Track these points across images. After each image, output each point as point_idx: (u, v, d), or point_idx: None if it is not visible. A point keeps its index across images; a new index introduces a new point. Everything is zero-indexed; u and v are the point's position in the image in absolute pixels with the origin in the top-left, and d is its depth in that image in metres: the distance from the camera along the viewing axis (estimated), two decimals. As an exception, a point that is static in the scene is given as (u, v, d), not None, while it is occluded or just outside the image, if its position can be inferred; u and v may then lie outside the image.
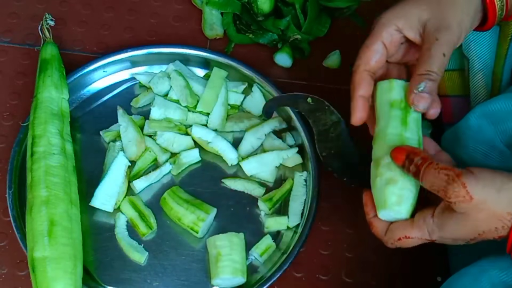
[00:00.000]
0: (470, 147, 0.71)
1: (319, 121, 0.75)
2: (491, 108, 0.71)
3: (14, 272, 0.84)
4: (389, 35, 0.70)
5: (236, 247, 0.82)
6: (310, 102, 0.75)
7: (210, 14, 1.03)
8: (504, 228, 0.60)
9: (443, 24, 0.67)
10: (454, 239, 0.63)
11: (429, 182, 0.62)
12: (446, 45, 0.67)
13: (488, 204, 0.59)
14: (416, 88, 0.67)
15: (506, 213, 0.59)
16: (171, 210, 0.85)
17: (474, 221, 0.60)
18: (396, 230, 0.66)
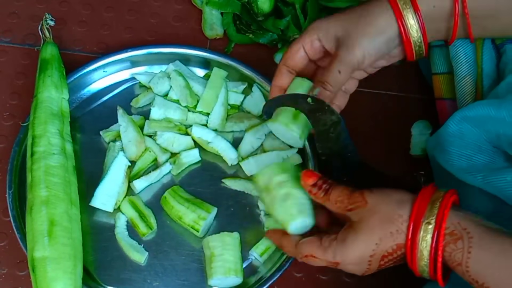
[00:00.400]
0: (454, 153, 0.73)
1: (319, 121, 0.75)
2: (469, 114, 0.74)
3: (14, 272, 0.84)
4: (309, 42, 0.77)
5: (229, 246, 0.81)
6: (310, 102, 0.75)
7: (210, 14, 1.03)
8: (398, 233, 0.63)
9: (348, 45, 0.74)
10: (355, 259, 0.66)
11: (336, 195, 0.68)
12: (343, 64, 0.74)
13: (380, 206, 0.64)
14: (312, 90, 0.76)
15: (397, 215, 0.63)
16: (172, 209, 0.85)
17: (369, 227, 0.64)
18: (304, 247, 0.69)
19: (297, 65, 0.81)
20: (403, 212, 0.63)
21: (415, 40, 0.75)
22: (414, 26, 0.74)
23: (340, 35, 0.75)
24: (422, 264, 0.63)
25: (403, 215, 0.63)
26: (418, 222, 0.62)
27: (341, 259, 0.66)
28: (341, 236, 0.66)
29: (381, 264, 0.66)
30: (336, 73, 0.74)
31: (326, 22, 0.77)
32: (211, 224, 0.87)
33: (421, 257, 0.62)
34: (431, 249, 0.61)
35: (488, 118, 0.72)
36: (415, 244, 0.62)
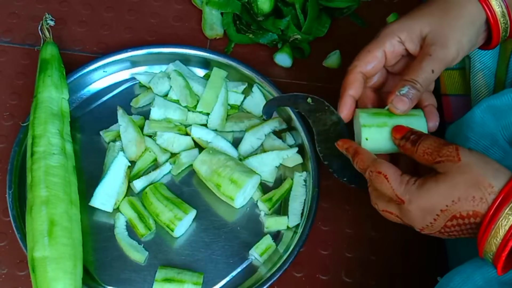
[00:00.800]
0: (472, 140, 0.71)
1: (319, 121, 0.75)
2: (496, 102, 0.72)
3: (14, 272, 0.84)
4: (391, 45, 0.72)
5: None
6: (310, 102, 0.75)
7: (210, 14, 1.03)
8: (482, 201, 0.59)
9: (440, 41, 0.69)
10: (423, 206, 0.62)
11: (425, 146, 0.63)
12: (437, 62, 0.69)
13: (473, 168, 0.60)
14: (398, 90, 0.70)
15: (488, 184, 0.59)
16: (151, 205, 0.85)
17: (453, 182, 0.60)
18: (383, 165, 0.66)
19: (373, 72, 0.75)
20: (496, 183, 0.59)
21: (502, 23, 0.71)
22: (499, 8, 0.70)
23: (428, 33, 0.70)
24: (492, 242, 0.59)
25: (494, 186, 0.59)
26: (508, 198, 0.58)
27: (410, 199, 0.62)
28: (420, 181, 0.63)
29: (447, 225, 0.61)
30: (429, 72, 0.69)
31: (407, 21, 0.72)
32: (189, 226, 0.87)
33: (495, 234, 0.58)
34: (510, 229, 0.57)
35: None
36: (496, 218, 0.58)
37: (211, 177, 0.85)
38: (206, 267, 0.84)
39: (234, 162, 0.86)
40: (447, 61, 0.70)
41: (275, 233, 0.87)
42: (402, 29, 0.71)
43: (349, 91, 0.73)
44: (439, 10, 0.71)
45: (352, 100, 0.73)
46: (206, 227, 0.87)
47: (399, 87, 0.70)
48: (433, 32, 0.70)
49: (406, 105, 0.69)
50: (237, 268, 0.85)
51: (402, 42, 0.72)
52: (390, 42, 0.72)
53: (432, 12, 0.71)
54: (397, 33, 0.72)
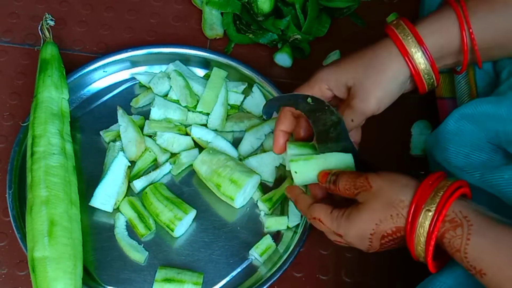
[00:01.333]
0: (452, 150, 0.74)
1: (319, 121, 0.75)
2: (467, 111, 0.74)
3: (14, 272, 0.84)
4: (320, 91, 0.77)
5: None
6: (310, 102, 0.75)
7: (210, 14, 1.03)
8: (398, 217, 0.65)
9: (361, 96, 0.74)
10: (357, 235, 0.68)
11: (343, 183, 0.70)
12: (357, 114, 0.75)
13: (383, 191, 0.66)
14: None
15: (398, 200, 0.65)
16: (151, 205, 0.85)
17: (371, 209, 0.66)
18: (315, 210, 0.73)
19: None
20: (405, 197, 0.65)
21: (426, 78, 0.74)
22: (424, 66, 0.73)
23: (352, 85, 0.75)
24: (418, 249, 0.65)
25: (404, 200, 0.65)
26: (419, 209, 0.64)
27: (344, 232, 0.69)
28: (346, 213, 0.69)
29: (383, 242, 0.68)
30: (349, 121, 0.75)
31: (334, 71, 0.76)
32: (189, 226, 0.87)
33: (418, 242, 0.64)
34: (427, 235, 0.63)
35: (487, 116, 0.72)
36: (414, 228, 0.64)
37: (211, 177, 0.85)
38: (206, 267, 0.84)
39: (234, 162, 0.86)
40: (367, 114, 0.75)
41: (275, 233, 0.87)
42: (330, 79, 0.76)
43: (280, 127, 0.80)
44: (364, 66, 0.74)
45: (283, 134, 0.80)
46: (206, 227, 0.87)
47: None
48: (356, 85, 0.74)
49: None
50: (237, 268, 0.85)
51: (330, 89, 0.77)
52: (319, 88, 0.77)
53: (358, 65, 0.75)
54: (325, 81, 0.76)
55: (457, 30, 0.72)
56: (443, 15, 0.73)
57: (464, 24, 0.72)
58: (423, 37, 0.73)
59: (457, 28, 0.72)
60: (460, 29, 0.72)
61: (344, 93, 0.76)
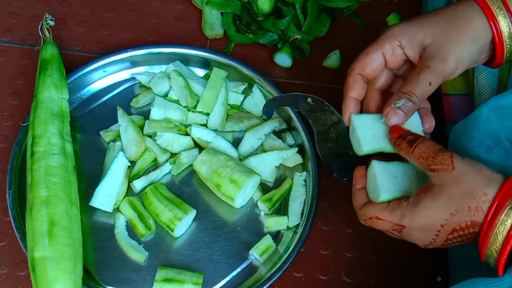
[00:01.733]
0: (477, 138, 0.71)
1: (319, 121, 0.75)
2: (503, 101, 0.71)
3: (14, 272, 0.84)
4: (390, 49, 0.71)
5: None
6: (310, 102, 0.75)
7: (210, 14, 1.03)
8: (477, 211, 0.60)
9: (440, 54, 0.68)
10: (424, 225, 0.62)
11: (421, 150, 0.64)
12: (435, 76, 0.68)
13: (466, 177, 0.61)
14: (394, 102, 0.69)
15: (481, 192, 0.60)
16: (151, 205, 0.85)
17: (449, 196, 0.61)
18: (370, 209, 0.67)
19: (373, 74, 0.73)
20: (489, 190, 0.60)
21: (508, 43, 0.70)
22: (507, 29, 0.69)
23: (429, 43, 0.69)
24: (492, 248, 0.60)
25: (488, 194, 0.60)
26: (502, 205, 0.59)
27: (409, 222, 0.63)
28: (415, 199, 0.63)
29: (449, 238, 0.62)
30: (426, 85, 0.68)
31: (410, 27, 0.70)
32: (189, 226, 0.87)
33: (494, 240, 0.59)
34: (507, 234, 0.58)
35: None
36: (492, 226, 0.59)
37: (211, 177, 0.85)
38: (206, 267, 0.84)
39: (234, 162, 0.86)
40: (445, 75, 0.69)
41: (275, 233, 0.87)
42: (404, 34, 0.70)
43: (351, 94, 0.73)
44: (444, 22, 0.69)
45: (354, 102, 0.73)
46: (206, 227, 0.87)
47: (395, 99, 0.69)
48: (434, 43, 0.68)
49: (400, 118, 0.69)
50: (237, 268, 0.85)
51: (402, 47, 0.71)
52: (390, 45, 0.71)
53: (436, 22, 0.69)
54: (398, 37, 0.70)
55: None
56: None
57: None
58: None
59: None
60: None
61: (417, 52, 0.70)
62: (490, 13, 0.68)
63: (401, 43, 0.70)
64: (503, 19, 0.68)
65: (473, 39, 0.69)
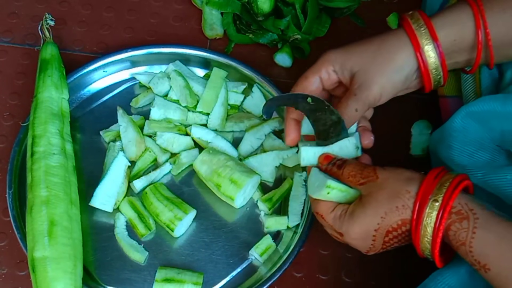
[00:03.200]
0: (456, 148, 0.74)
1: (319, 121, 0.75)
2: (474, 109, 0.74)
3: (14, 272, 0.84)
4: (326, 73, 0.76)
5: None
6: (310, 102, 0.75)
7: (210, 14, 1.03)
8: (404, 208, 0.64)
9: (365, 84, 0.73)
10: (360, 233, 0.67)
11: (349, 170, 0.70)
12: (361, 103, 0.73)
13: (389, 182, 0.66)
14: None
15: (405, 190, 0.64)
16: (151, 205, 0.85)
17: (376, 201, 0.65)
18: (319, 205, 0.72)
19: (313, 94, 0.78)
20: (411, 188, 0.64)
21: (434, 74, 0.73)
22: (434, 60, 0.72)
23: (356, 71, 0.73)
24: (424, 241, 0.64)
25: (411, 191, 0.64)
26: (426, 199, 0.63)
27: (346, 231, 0.68)
28: (350, 209, 0.68)
29: (386, 240, 0.67)
30: (353, 111, 0.73)
31: (342, 55, 0.75)
32: (189, 226, 0.87)
33: (425, 233, 0.63)
34: (434, 226, 0.62)
35: (493, 114, 0.72)
36: (420, 219, 0.63)
37: (211, 177, 0.85)
38: (206, 267, 0.84)
39: (234, 162, 0.86)
40: (370, 103, 0.74)
41: (275, 233, 0.87)
42: (337, 61, 0.75)
43: (290, 115, 0.78)
44: (371, 52, 0.73)
45: (294, 123, 0.78)
46: (206, 227, 0.87)
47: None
48: (360, 73, 0.73)
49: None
50: (237, 268, 0.85)
51: (335, 72, 0.76)
52: (326, 70, 0.76)
53: (366, 51, 0.74)
54: (332, 63, 0.75)
55: (472, 25, 0.71)
56: (458, 9, 0.72)
57: (480, 19, 0.70)
58: (436, 28, 0.71)
59: (472, 22, 0.71)
60: (475, 24, 0.71)
61: (347, 79, 0.75)
62: (417, 44, 0.71)
63: (335, 69, 0.75)
64: (432, 50, 0.71)
65: (396, 69, 0.72)
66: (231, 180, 0.84)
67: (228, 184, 0.84)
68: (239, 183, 0.83)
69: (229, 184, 0.84)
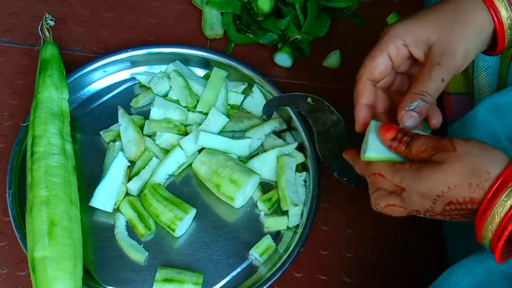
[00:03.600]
0: (475, 137, 0.71)
1: (319, 121, 0.76)
2: (499, 100, 0.72)
3: (14, 272, 0.84)
4: (395, 49, 0.70)
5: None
6: (310, 102, 0.75)
7: (210, 14, 1.03)
8: (478, 188, 0.59)
9: (448, 50, 0.68)
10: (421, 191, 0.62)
11: (419, 146, 0.63)
12: (447, 71, 0.68)
13: (470, 156, 0.60)
14: (408, 105, 0.68)
15: (485, 170, 0.59)
16: (150, 206, 0.85)
17: (451, 172, 0.60)
18: (375, 165, 0.66)
19: (382, 77, 0.73)
20: (493, 169, 0.59)
21: (508, 35, 0.70)
22: (508, 17, 0.69)
23: (435, 40, 0.69)
24: (489, 228, 0.59)
25: (491, 172, 0.59)
26: (504, 186, 0.58)
27: (408, 186, 0.63)
28: (416, 165, 0.63)
29: (447, 209, 0.62)
30: (439, 82, 0.68)
31: (413, 25, 0.70)
32: (189, 226, 0.87)
33: (491, 220, 0.59)
34: (505, 216, 0.58)
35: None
36: (491, 205, 0.58)
37: (211, 177, 0.85)
38: (206, 267, 0.84)
39: (233, 162, 0.86)
40: (456, 70, 0.69)
41: (275, 233, 0.87)
42: (408, 33, 0.70)
43: (362, 100, 0.72)
44: (447, 17, 0.69)
45: (366, 108, 0.72)
46: (206, 227, 0.87)
47: (408, 102, 0.68)
48: (440, 40, 0.68)
49: (416, 120, 0.68)
50: (237, 268, 0.85)
51: (406, 45, 0.70)
52: (394, 45, 0.70)
53: (439, 19, 0.69)
54: (402, 36, 0.70)
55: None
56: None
57: None
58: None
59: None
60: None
61: (422, 50, 0.70)
62: (491, 5, 0.68)
63: (405, 42, 0.70)
64: (504, 10, 0.68)
65: (477, 32, 0.69)
66: (231, 180, 0.84)
67: (228, 184, 0.84)
68: (239, 183, 0.83)
69: (229, 184, 0.84)
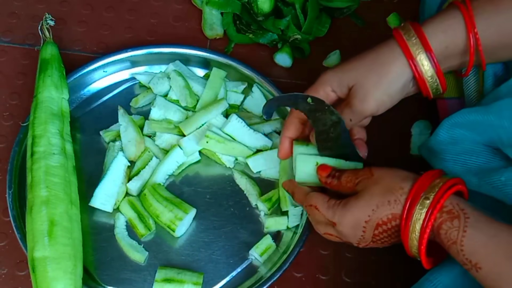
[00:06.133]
0: (449, 159, 0.75)
1: (319, 121, 0.75)
2: (458, 120, 0.74)
3: (14, 272, 0.84)
4: (324, 93, 0.77)
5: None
6: (310, 102, 0.75)
7: (210, 14, 1.03)
8: (396, 203, 0.65)
9: (360, 96, 0.74)
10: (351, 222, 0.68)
11: (345, 177, 0.71)
12: (355, 114, 0.75)
13: (385, 178, 0.67)
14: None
15: (398, 187, 0.66)
16: (150, 206, 0.85)
17: (370, 194, 0.67)
18: (312, 197, 0.73)
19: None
20: (405, 185, 0.65)
21: (430, 82, 0.74)
22: (428, 68, 0.72)
23: (352, 86, 0.74)
24: (412, 237, 0.64)
25: (404, 188, 0.65)
26: (418, 196, 0.64)
27: (339, 220, 0.69)
28: (344, 201, 0.69)
29: (376, 234, 0.67)
30: (347, 120, 0.75)
31: (337, 72, 0.76)
32: (189, 225, 0.87)
33: (413, 229, 0.64)
34: (423, 222, 0.63)
35: (478, 123, 0.72)
36: (410, 215, 0.64)
37: None
38: (206, 267, 0.84)
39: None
40: (365, 114, 0.75)
41: (275, 233, 0.87)
42: (334, 80, 0.76)
43: (287, 134, 0.79)
44: (365, 66, 0.74)
45: (289, 141, 0.79)
46: (206, 227, 0.87)
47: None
48: (357, 86, 0.74)
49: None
50: (237, 268, 0.85)
51: (334, 91, 0.76)
52: (324, 91, 0.76)
53: (359, 67, 0.74)
54: (329, 83, 0.76)
55: (463, 30, 0.71)
56: (448, 15, 0.72)
57: (470, 25, 0.71)
58: (428, 36, 0.72)
59: (462, 27, 0.71)
60: (466, 29, 0.71)
61: (345, 93, 0.76)
62: (409, 54, 0.72)
63: (333, 88, 0.76)
64: (425, 58, 0.72)
65: (391, 81, 0.73)
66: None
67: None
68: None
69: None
